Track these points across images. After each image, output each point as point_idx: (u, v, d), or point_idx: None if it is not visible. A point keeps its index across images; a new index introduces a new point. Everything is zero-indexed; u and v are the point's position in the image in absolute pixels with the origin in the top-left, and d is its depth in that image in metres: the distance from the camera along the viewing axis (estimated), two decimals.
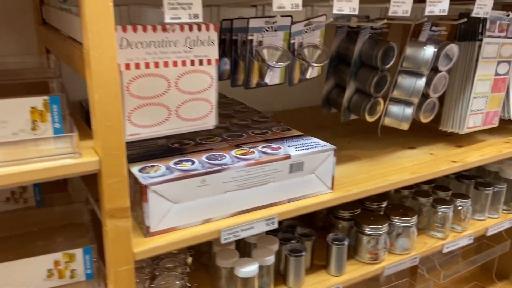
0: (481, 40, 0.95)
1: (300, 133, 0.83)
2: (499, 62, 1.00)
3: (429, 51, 0.85)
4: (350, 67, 0.92)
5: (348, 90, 0.95)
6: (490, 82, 1.00)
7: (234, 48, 0.74)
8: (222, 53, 0.80)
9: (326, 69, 0.99)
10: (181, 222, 0.64)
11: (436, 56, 0.91)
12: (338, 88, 1.01)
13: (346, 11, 0.68)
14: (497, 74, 1.00)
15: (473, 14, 0.84)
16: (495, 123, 1.07)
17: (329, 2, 0.67)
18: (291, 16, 0.71)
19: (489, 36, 0.95)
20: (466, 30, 0.96)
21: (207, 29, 0.64)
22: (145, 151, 0.71)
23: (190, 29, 0.62)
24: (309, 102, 1.37)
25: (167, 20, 0.54)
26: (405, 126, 0.92)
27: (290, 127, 0.87)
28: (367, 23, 0.84)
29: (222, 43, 0.79)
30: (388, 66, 0.91)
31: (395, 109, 0.91)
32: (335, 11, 0.67)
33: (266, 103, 1.30)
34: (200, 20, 0.57)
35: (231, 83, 0.76)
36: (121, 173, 0.54)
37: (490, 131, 1.11)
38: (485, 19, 0.93)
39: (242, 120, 0.91)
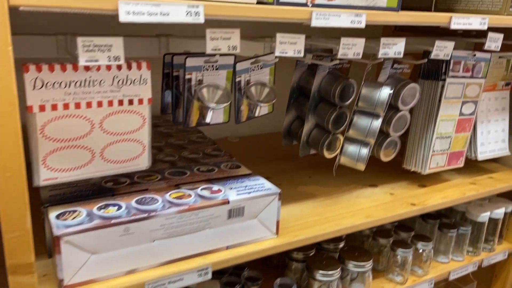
0: (444, 80, 0.91)
1: (248, 172, 0.79)
2: (464, 102, 0.97)
3: (385, 92, 0.81)
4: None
5: (307, 124, 0.92)
6: (454, 122, 0.97)
7: (176, 84, 0.70)
8: (166, 86, 0.77)
9: (286, 101, 0.96)
10: (101, 274, 0.60)
11: (396, 95, 0.88)
12: (299, 121, 0.98)
13: (290, 54, 0.65)
14: (461, 114, 0.97)
15: (432, 57, 0.81)
16: (460, 164, 1.04)
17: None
18: (234, 55, 0.68)
19: (452, 76, 0.92)
20: (430, 69, 0.93)
21: (139, 67, 0.60)
22: (72, 191, 0.66)
23: (119, 68, 0.58)
24: (280, 128, 1.33)
25: (82, 63, 0.50)
26: (361, 167, 0.88)
27: (240, 164, 0.83)
28: (321, 62, 0.81)
29: (166, 76, 0.76)
30: (347, 103, 0.88)
31: (351, 148, 0.88)
32: (277, 54, 0.64)
33: (235, 127, 1.26)
34: (122, 61, 0.53)
35: (172, 119, 0.72)
36: (23, 227, 0.49)
37: (458, 169, 1.07)
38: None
39: (193, 153, 0.87)
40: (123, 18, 0.48)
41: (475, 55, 0.94)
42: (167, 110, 0.78)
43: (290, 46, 0.64)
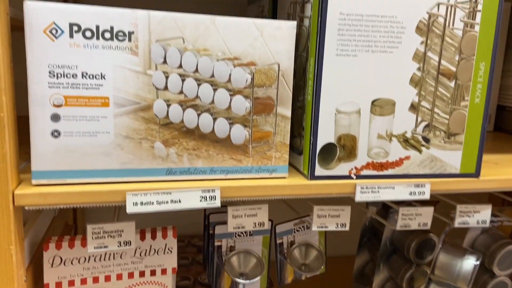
0: None
1: None
2: None
3: (469, 264, 0.65)
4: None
5: (378, 275, 0.79)
6: None
7: (212, 242, 0.66)
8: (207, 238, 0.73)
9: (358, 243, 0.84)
10: None
11: (491, 258, 0.70)
12: (372, 264, 0.84)
13: (332, 228, 0.56)
14: None
15: None
16: None
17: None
18: (271, 220, 0.61)
19: None
20: None
21: (164, 236, 0.57)
22: None
23: (142, 238, 0.56)
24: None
25: (90, 250, 0.48)
26: None
27: None
28: (385, 222, 0.69)
29: (206, 228, 0.72)
30: (425, 261, 0.73)
31: None
32: (315, 228, 0.55)
33: None
34: (133, 246, 0.50)
35: (207, 278, 0.67)
36: None
37: None
38: None
39: None
40: (130, 209, 0.46)
41: None
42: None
43: (332, 220, 0.55)
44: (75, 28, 0.43)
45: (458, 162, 0.56)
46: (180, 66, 0.47)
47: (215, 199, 0.49)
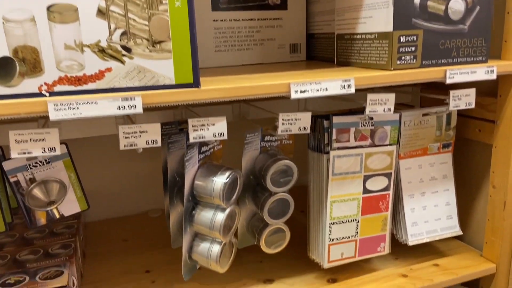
0: (328, 153, 0.72)
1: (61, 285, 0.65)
2: (367, 177, 0.76)
3: (219, 183, 0.64)
4: None
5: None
6: (357, 202, 0.76)
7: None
8: None
9: None
10: None
11: (264, 176, 0.70)
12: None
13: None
14: (367, 191, 0.76)
15: (280, 133, 0.63)
16: (383, 251, 0.81)
17: None
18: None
19: (340, 148, 0.72)
20: (315, 138, 0.75)
21: None
22: None
23: None
24: None
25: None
26: (216, 268, 0.70)
27: (63, 270, 0.69)
28: None
29: None
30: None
31: (202, 245, 0.70)
32: None
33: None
34: None
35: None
36: None
37: (396, 253, 0.85)
38: (328, 127, 0.71)
39: (31, 253, 0.75)
40: None
41: (372, 118, 0.73)
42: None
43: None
44: None
45: (171, 72, 0.53)
46: None
47: None
